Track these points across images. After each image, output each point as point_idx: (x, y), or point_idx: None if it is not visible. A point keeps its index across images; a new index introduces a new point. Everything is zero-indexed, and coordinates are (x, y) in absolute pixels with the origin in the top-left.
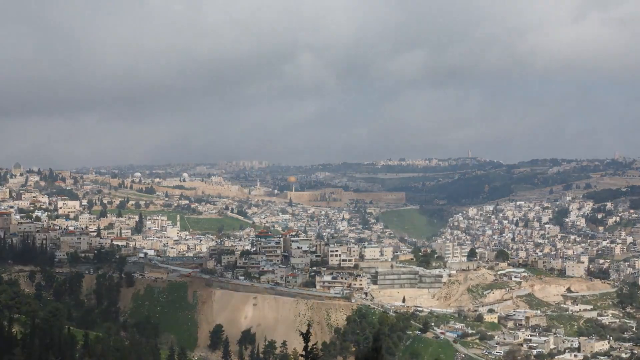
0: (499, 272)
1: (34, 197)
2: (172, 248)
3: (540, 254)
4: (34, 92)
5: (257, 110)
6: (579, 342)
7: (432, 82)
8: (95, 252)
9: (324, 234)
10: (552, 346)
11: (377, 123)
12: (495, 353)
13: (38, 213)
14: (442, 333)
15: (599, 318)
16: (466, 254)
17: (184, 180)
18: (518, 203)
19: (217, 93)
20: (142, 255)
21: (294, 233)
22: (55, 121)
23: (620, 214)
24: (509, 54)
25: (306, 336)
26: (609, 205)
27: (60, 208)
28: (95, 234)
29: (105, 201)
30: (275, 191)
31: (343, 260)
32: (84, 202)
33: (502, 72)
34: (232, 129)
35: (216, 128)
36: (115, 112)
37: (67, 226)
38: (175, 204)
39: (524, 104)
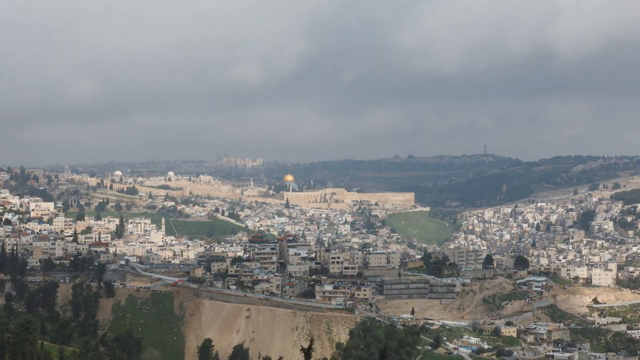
0: (517, 281)
1: (3, 197)
2: (156, 254)
3: (563, 260)
4: None
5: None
6: (607, 358)
7: None
8: (72, 258)
9: (325, 238)
10: None
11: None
12: None
13: (8, 215)
14: (455, 348)
15: (629, 332)
16: (482, 261)
17: (170, 180)
18: (539, 204)
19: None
20: (123, 262)
21: (291, 238)
22: None
23: None
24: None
25: (307, 352)
26: (639, 207)
27: (33, 210)
28: (71, 238)
29: (82, 202)
30: (271, 191)
31: (345, 267)
32: (59, 203)
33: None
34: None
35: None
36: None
37: (40, 230)
38: (160, 206)
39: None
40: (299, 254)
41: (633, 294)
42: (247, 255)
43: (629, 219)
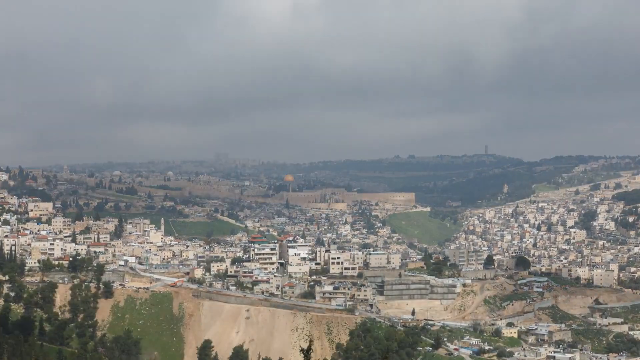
0: (519, 282)
1: (1, 198)
2: (155, 255)
3: (564, 261)
4: None
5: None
6: (608, 359)
7: None
8: (70, 259)
9: (325, 239)
10: None
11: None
12: None
13: (6, 216)
14: (455, 349)
15: (630, 332)
16: (483, 262)
17: (169, 180)
18: (540, 205)
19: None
20: (122, 263)
21: (291, 238)
22: None
23: None
24: None
25: (307, 353)
26: None
27: (31, 210)
28: (70, 239)
29: (81, 203)
30: (271, 191)
31: (346, 268)
32: (58, 203)
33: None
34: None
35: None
36: None
37: (38, 230)
38: (159, 206)
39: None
40: (299, 254)
41: (635, 295)
42: (247, 255)
43: (631, 219)
